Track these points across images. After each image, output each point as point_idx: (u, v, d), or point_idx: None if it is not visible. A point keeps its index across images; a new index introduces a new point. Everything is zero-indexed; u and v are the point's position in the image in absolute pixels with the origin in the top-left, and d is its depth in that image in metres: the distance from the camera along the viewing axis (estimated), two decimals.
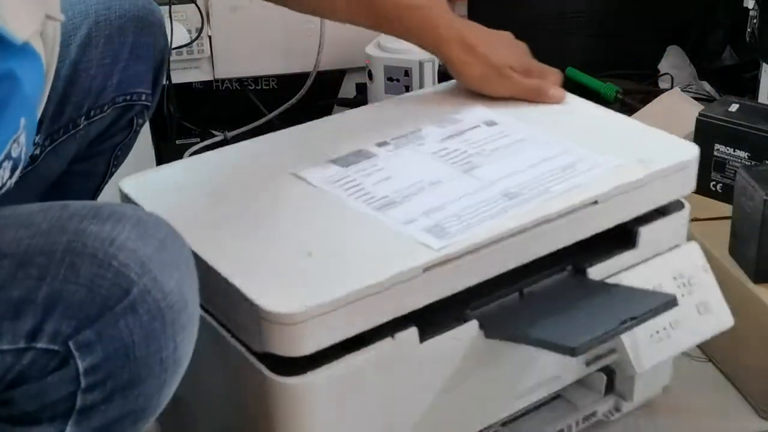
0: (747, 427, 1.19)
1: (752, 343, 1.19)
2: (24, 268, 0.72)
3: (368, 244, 0.91)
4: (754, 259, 1.17)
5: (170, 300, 0.73)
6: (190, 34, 1.70)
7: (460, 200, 0.96)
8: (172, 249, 0.76)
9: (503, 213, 0.94)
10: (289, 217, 0.96)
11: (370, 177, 1.01)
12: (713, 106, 1.39)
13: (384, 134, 1.09)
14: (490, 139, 1.08)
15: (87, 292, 0.71)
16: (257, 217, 0.96)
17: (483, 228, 0.92)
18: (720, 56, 2.02)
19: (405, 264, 0.87)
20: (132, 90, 1.11)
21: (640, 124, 1.13)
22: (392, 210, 0.95)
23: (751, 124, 1.30)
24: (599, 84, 1.88)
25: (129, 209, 0.76)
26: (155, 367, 0.74)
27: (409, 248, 0.90)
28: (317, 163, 1.04)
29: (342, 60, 1.79)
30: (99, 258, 0.72)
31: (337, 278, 0.86)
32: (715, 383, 1.25)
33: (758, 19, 1.57)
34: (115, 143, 1.16)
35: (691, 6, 2.00)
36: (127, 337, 0.72)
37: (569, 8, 1.97)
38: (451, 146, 1.06)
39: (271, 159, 1.06)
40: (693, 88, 1.92)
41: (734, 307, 1.22)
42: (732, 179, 1.28)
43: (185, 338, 0.76)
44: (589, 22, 1.98)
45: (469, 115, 1.13)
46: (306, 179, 1.01)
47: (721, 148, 1.33)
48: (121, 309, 0.72)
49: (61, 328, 0.71)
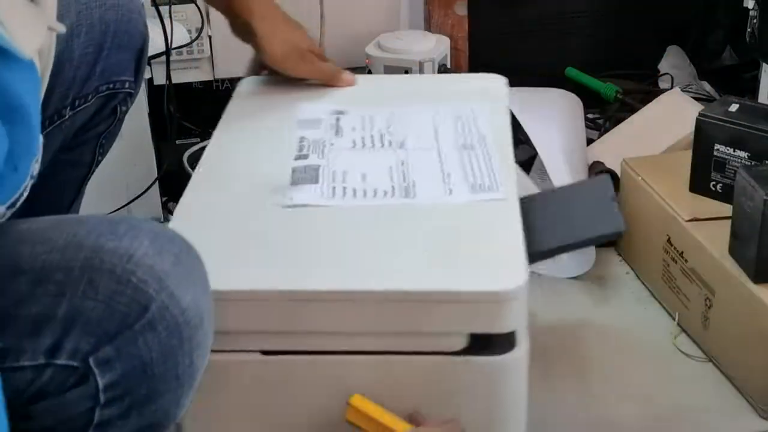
0: (747, 427, 1.19)
1: (752, 343, 1.19)
2: (42, 285, 0.72)
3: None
4: (754, 259, 1.17)
5: (187, 316, 0.74)
6: (190, 34, 1.70)
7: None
8: (188, 263, 0.76)
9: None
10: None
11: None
12: (713, 106, 1.38)
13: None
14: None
15: (105, 308, 0.72)
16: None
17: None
18: (720, 56, 2.02)
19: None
20: (115, 78, 1.12)
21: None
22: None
23: (751, 124, 1.30)
24: (599, 84, 1.88)
25: (145, 224, 0.76)
26: (172, 382, 0.74)
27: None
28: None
29: (342, 60, 1.78)
30: (117, 274, 0.72)
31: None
32: (715, 383, 1.25)
33: (758, 19, 1.57)
34: (100, 132, 1.16)
35: (691, 6, 2.00)
36: (145, 354, 0.73)
37: (569, 8, 1.97)
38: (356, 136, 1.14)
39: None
40: (693, 88, 1.92)
41: (734, 307, 1.22)
42: (732, 179, 1.28)
43: (201, 354, 0.76)
44: (589, 22, 1.98)
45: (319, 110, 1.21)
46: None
47: (721, 148, 1.33)
48: (140, 326, 0.72)
49: (80, 345, 0.72)
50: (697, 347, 1.31)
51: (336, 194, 1.01)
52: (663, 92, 1.82)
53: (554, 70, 1.94)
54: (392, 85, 1.37)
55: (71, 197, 1.19)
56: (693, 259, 1.29)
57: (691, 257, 1.30)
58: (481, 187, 1.02)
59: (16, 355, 0.72)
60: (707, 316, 1.28)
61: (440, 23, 1.84)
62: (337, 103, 1.20)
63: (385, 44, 1.68)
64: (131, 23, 1.12)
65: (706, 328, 1.28)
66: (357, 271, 0.89)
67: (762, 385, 1.19)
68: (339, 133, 1.13)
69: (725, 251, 1.23)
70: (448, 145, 1.11)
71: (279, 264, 0.90)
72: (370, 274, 0.88)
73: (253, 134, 1.15)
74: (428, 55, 1.66)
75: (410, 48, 1.67)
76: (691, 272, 1.30)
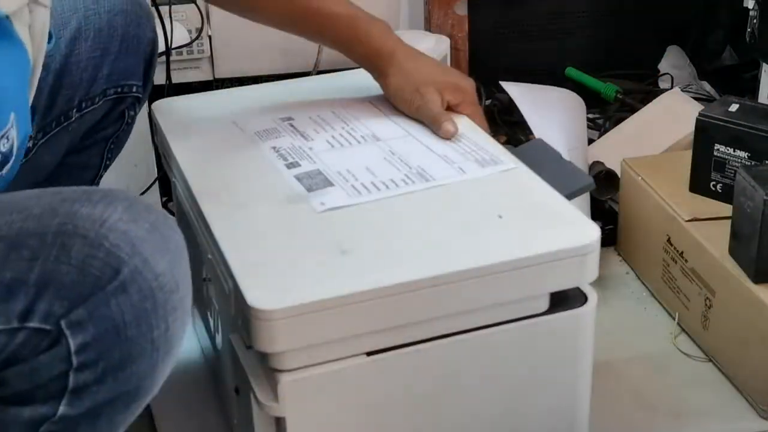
0: (747, 427, 1.19)
1: (752, 343, 1.19)
2: (16, 250, 0.73)
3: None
4: (754, 259, 1.17)
5: (161, 281, 0.74)
6: (190, 34, 1.70)
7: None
8: (164, 231, 0.76)
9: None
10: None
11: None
12: (713, 106, 1.38)
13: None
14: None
15: (78, 272, 0.72)
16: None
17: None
18: (720, 56, 2.02)
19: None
20: (123, 82, 1.13)
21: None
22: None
23: (751, 124, 1.30)
24: (599, 84, 1.89)
25: (120, 193, 0.77)
26: (146, 346, 0.75)
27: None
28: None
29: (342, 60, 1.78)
30: (90, 238, 0.73)
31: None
32: (715, 383, 1.25)
33: (758, 19, 1.56)
34: (108, 135, 1.17)
35: (691, 6, 2.00)
36: (118, 317, 0.73)
37: (569, 8, 1.97)
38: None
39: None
40: (693, 88, 1.92)
41: (734, 307, 1.22)
42: (732, 179, 1.28)
43: (176, 319, 0.76)
44: (589, 22, 1.98)
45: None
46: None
47: (721, 148, 1.33)
48: (112, 289, 0.72)
49: (53, 308, 0.72)
50: (697, 347, 1.31)
51: (360, 191, 1.00)
52: (663, 92, 1.82)
53: (554, 70, 1.94)
54: (287, 90, 1.30)
55: None
56: (693, 259, 1.29)
57: (691, 257, 1.30)
58: (487, 162, 1.05)
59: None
60: (707, 316, 1.28)
61: (440, 23, 1.84)
62: (273, 112, 1.19)
63: None
64: (140, 28, 1.13)
65: (706, 328, 1.28)
66: (439, 255, 0.89)
67: (762, 385, 1.19)
68: (307, 138, 1.12)
69: (725, 251, 1.23)
70: (418, 131, 1.12)
71: (359, 264, 0.88)
72: (454, 255, 0.88)
73: (223, 153, 1.11)
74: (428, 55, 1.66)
75: None
76: (691, 272, 1.30)
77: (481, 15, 1.89)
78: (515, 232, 0.93)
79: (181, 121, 1.18)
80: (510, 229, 0.93)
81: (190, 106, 1.23)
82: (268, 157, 1.08)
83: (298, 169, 1.05)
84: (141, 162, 1.60)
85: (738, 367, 1.24)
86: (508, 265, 0.88)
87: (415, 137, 1.11)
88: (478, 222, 0.94)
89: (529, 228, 0.93)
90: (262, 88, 1.30)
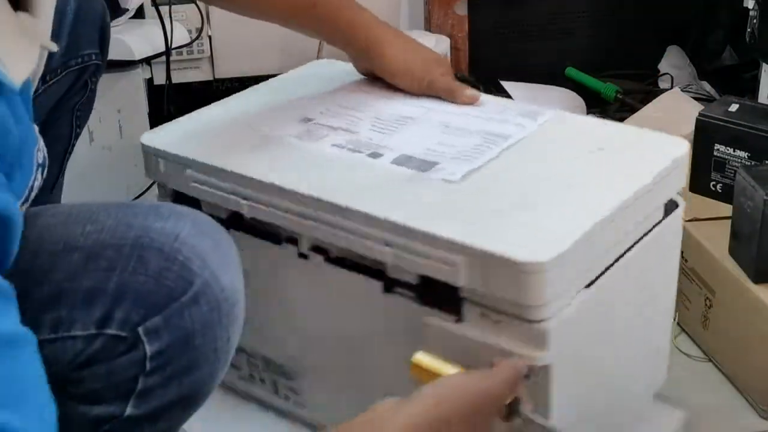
0: (747, 427, 1.19)
1: (752, 343, 1.19)
2: (94, 260, 0.79)
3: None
4: (754, 259, 1.17)
5: (226, 293, 0.80)
6: (190, 34, 1.70)
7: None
8: (225, 247, 0.83)
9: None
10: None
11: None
12: (713, 106, 1.38)
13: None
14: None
15: (155, 282, 0.78)
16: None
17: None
18: (720, 56, 2.02)
19: None
20: (82, 52, 1.16)
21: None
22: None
23: (751, 124, 1.30)
24: (599, 84, 1.89)
25: (184, 209, 0.83)
26: (210, 355, 0.80)
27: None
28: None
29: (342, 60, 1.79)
30: (165, 252, 0.78)
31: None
32: (715, 383, 1.25)
33: (758, 19, 1.56)
34: (74, 104, 1.20)
35: (691, 6, 2.00)
36: (189, 326, 0.78)
37: (569, 8, 1.97)
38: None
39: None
40: (693, 88, 1.92)
41: (734, 307, 1.22)
42: (732, 179, 1.28)
43: (236, 330, 0.82)
44: (589, 22, 1.98)
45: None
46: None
47: (721, 148, 1.33)
48: (187, 300, 0.78)
49: (130, 316, 0.77)
50: (697, 347, 1.31)
51: (469, 158, 0.99)
52: (663, 92, 1.82)
53: (554, 70, 1.94)
54: (260, 96, 1.23)
55: (56, 173, 1.21)
56: (693, 259, 1.29)
57: (691, 257, 1.30)
58: (532, 114, 1.09)
59: (68, 325, 0.78)
60: (707, 316, 1.28)
61: (440, 23, 1.84)
62: (285, 115, 1.13)
63: None
64: (91, 1, 1.16)
65: (706, 328, 1.28)
66: (601, 188, 0.94)
67: (762, 385, 1.19)
68: (351, 131, 1.08)
69: (725, 251, 1.23)
70: (435, 104, 1.13)
71: (560, 210, 0.90)
72: (611, 186, 0.94)
73: (293, 160, 1.03)
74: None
75: None
76: (691, 272, 1.30)
77: (481, 15, 1.89)
78: (626, 159, 0.99)
79: (198, 145, 1.07)
80: (621, 157, 1.00)
81: (184, 131, 1.11)
82: (343, 155, 1.02)
83: (385, 158, 1.01)
84: (141, 162, 1.60)
85: (738, 367, 1.24)
86: (646, 188, 0.95)
87: (441, 110, 1.12)
88: (594, 158, 1.00)
89: (633, 153, 1.00)
90: (233, 101, 1.21)
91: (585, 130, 1.08)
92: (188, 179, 1.03)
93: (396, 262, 0.91)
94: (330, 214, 0.93)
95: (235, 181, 1.00)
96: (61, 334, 0.78)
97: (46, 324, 0.78)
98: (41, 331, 0.77)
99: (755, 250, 1.17)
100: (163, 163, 1.07)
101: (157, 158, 1.07)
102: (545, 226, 0.87)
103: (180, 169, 1.04)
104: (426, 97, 1.15)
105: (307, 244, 0.99)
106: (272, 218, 0.99)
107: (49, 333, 0.78)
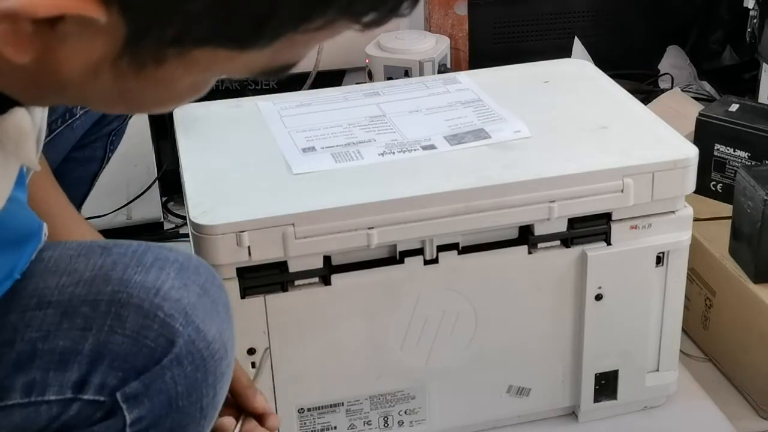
0: (747, 427, 1.19)
1: (752, 343, 1.19)
2: (69, 318, 0.72)
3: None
4: (754, 259, 1.17)
5: (212, 349, 0.73)
6: None
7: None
8: (213, 293, 0.75)
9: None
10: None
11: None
12: (713, 106, 1.38)
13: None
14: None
15: (133, 343, 0.71)
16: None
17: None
18: (720, 56, 2.02)
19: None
20: None
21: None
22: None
23: (751, 124, 1.30)
24: None
25: (171, 254, 0.75)
26: (196, 414, 0.74)
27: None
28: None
29: (342, 60, 1.79)
30: (145, 309, 0.71)
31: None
32: (715, 383, 1.25)
33: (758, 19, 1.57)
34: (111, 129, 1.19)
35: (691, 6, 2.00)
36: (172, 389, 0.72)
37: (570, 8, 1.97)
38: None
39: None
40: (693, 88, 1.92)
41: (734, 307, 1.22)
42: (732, 179, 1.28)
43: (224, 385, 0.76)
44: (589, 22, 1.98)
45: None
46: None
47: (721, 148, 1.33)
48: (168, 362, 0.72)
49: (107, 380, 0.71)
50: (697, 347, 1.31)
51: (498, 119, 1.12)
52: (663, 92, 1.82)
53: None
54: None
55: (84, 191, 1.22)
56: (693, 259, 1.29)
57: (691, 257, 1.30)
58: (449, 80, 1.24)
59: (42, 388, 0.72)
60: (707, 316, 1.28)
61: (440, 23, 1.84)
62: (298, 132, 1.14)
63: (385, 44, 1.68)
64: None
65: (706, 328, 1.28)
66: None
67: (762, 385, 1.19)
68: (391, 131, 1.12)
69: (725, 251, 1.23)
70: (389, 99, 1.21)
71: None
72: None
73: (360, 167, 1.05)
74: (428, 55, 1.66)
75: (410, 48, 1.67)
76: (691, 272, 1.30)
77: (481, 15, 1.89)
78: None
79: (269, 200, 1.00)
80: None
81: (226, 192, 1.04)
82: (403, 158, 1.06)
83: (440, 145, 1.08)
84: (141, 162, 1.60)
85: (738, 367, 1.24)
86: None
87: (388, 102, 1.19)
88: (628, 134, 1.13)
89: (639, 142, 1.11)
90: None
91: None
92: (287, 238, 0.95)
93: (560, 214, 1.02)
94: (479, 200, 1.00)
95: (357, 214, 0.97)
96: (34, 398, 0.72)
97: (18, 387, 0.72)
98: (12, 395, 0.72)
99: (755, 250, 1.17)
100: (248, 234, 0.95)
101: (240, 233, 0.94)
102: (646, 140, 1.10)
103: (275, 232, 0.95)
104: (362, 95, 1.21)
105: (431, 250, 1.02)
106: (399, 236, 0.99)
107: (22, 397, 0.72)
